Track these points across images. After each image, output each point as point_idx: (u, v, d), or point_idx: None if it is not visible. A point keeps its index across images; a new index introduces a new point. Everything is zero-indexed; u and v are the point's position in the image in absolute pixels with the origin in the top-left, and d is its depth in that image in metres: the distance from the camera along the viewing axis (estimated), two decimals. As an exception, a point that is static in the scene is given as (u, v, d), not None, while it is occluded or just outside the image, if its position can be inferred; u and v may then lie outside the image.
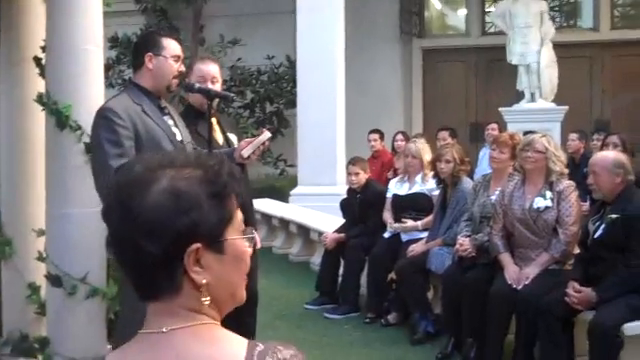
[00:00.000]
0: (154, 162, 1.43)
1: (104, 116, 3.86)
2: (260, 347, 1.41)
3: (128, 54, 14.74)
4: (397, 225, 7.24)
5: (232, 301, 1.49)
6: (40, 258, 4.84)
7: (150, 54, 4.06)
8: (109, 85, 12.99)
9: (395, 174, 9.12)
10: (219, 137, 4.74)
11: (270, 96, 15.34)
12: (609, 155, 5.57)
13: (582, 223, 5.54)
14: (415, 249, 6.82)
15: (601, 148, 8.19)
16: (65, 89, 4.59)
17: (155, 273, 1.40)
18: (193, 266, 1.40)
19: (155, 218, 1.37)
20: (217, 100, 4.74)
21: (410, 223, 7.19)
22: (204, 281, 1.41)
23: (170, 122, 4.13)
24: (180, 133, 4.15)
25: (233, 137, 4.88)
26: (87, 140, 4.46)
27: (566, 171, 5.75)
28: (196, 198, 1.40)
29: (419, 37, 16.54)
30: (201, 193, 1.41)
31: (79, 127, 4.51)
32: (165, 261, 1.39)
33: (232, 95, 5.06)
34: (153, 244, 1.37)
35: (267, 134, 4.29)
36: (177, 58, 4.12)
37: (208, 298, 1.43)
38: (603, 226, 5.17)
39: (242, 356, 1.39)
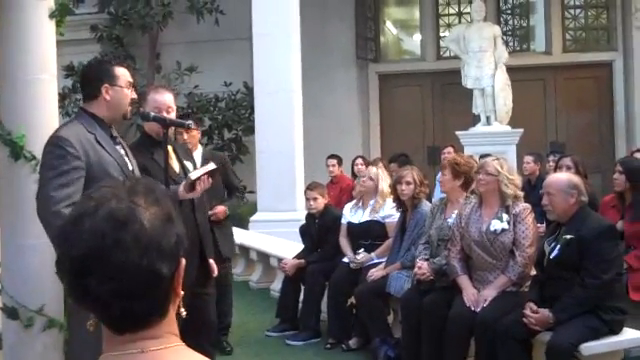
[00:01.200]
0: (120, 192, 1.44)
1: (56, 144, 3.83)
2: None
3: (84, 82, 14.64)
4: (354, 259, 7.22)
5: None
6: (-5, 290, 4.77)
7: (107, 85, 4.04)
8: (65, 114, 12.93)
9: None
10: (175, 165, 4.74)
11: (228, 123, 15.31)
12: (563, 177, 5.66)
13: (538, 244, 5.60)
14: (374, 274, 6.83)
15: (555, 170, 8.30)
16: (19, 119, 4.55)
17: (162, 296, 1.45)
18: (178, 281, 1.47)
19: (160, 241, 1.41)
20: (173, 128, 4.75)
21: (364, 256, 7.21)
22: (182, 292, 1.49)
23: (122, 151, 4.12)
24: (130, 163, 4.14)
25: (189, 165, 4.87)
26: (42, 169, 4.43)
27: (520, 194, 5.80)
28: (173, 215, 1.46)
29: (375, 62, 16.65)
30: (172, 210, 1.47)
31: (34, 157, 4.46)
32: (170, 281, 1.44)
33: (188, 123, 5.05)
34: (166, 266, 1.41)
35: (212, 165, 4.35)
36: (130, 85, 4.13)
37: (183, 310, 1.53)
38: (558, 247, 5.22)
39: None
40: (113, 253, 1.36)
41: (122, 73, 4.11)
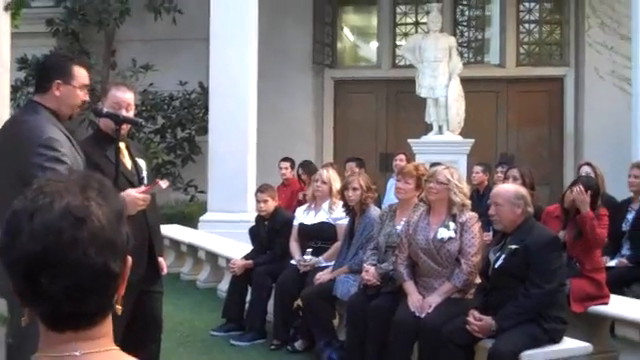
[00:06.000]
0: (73, 188, 1.40)
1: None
2: None
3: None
4: (302, 263, 7.27)
5: None
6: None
7: (59, 82, 3.98)
8: (17, 106, 12.76)
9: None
10: (127, 162, 4.71)
11: (182, 122, 15.25)
12: (510, 187, 5.76)
13: (484, 253, 5.69)
14: (322, 277, 6.88)
15: (504, 181, 8.42)
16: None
17: (111, 295, 1.43)
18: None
19: (114, 238, 1.39)
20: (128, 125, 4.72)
21: (313, 259, 7.26)
22: (122, 292, 1.47)
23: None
24: None
25: (142, 162, 4.85)
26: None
27: (468, 202, 5.89)
28: (123, 212, 1.45)
29: (331, 67, 16.69)
30: (123, 207, 1.46)
31: (-17, 148, 4.42)
32: (119, 279, 1.42)
33: (141, 121, 5.03)
34: (117, 264, 1.40)
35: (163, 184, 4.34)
36: (85, 87, 4.08)
37: (119, 307, 1.49)
38: (503, 256, 5.32)
39: None
40: (69, 251, 1.33)
41: (80, 74, 4.06)
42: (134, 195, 4.07)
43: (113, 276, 1.40)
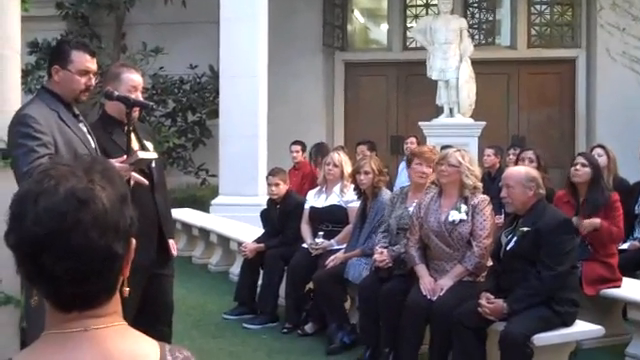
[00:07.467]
0: (78, 171, 1.42)
1: (21, 122, 3.80)
2: (168, 346, 1.50)
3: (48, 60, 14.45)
4: (313, 246, 7.27)
5: None
6: (-48, 266, 4.73)
7: (57, 67, 4.02)
8: (27, 91, 12.77)
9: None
10: (135, 145, 4.69)
11: (192, 105, 15.25)
12: (522, 169, 5.74)
13: (496, 236, 5.68)
14: (335, 259, 6.88)
15: (516, 163, 8.39)
16: (-19, 94, 4.51)
17: (115, 276, 1.44)
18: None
19: (117, 221, 1.41)
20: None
21: (324, 242, 7.25)
22: (127, 274, 1.49)
23: (84, 129, 4.11)
24: (92, 140, 4.13)
25: (149, 145, 4.80)
26: (3, 146, 4.40)
27: (480, 185, 5.87)
28: (127, 195, 1.46)
29: (341, 50, 16.66)
30: (127, 190, 1.47)
31: (-6, 132, 4.43)
32: (123, 261, 1.44)
33: (152, 104, 5.00)
34: (121, 246, 1.42)
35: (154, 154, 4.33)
36: (85, 73, 4.06)
37: (127, 288, 1.53)
38: (515, 239, 5.31)
39: (157, 352, 1.46)
40: (73, 233, 1.35)
41: (78, 59, 4.04)
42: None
43: (116, 258, 1.42)
